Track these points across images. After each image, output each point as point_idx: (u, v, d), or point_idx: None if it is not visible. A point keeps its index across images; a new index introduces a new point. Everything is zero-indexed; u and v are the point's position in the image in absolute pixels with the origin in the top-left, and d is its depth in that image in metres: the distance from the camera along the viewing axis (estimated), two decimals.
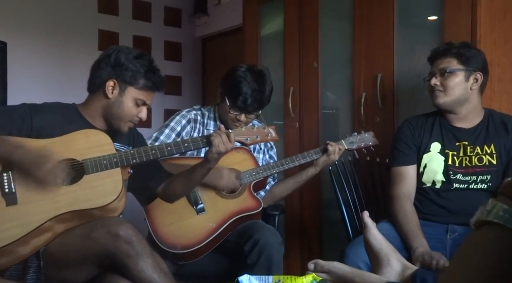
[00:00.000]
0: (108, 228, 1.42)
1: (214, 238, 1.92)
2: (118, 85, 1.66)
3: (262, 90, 2.05)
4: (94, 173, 1.54)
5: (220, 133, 1.70)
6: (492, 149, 1.84)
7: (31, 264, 1.47)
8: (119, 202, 1.54)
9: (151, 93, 1.71)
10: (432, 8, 2.28)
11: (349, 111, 2.60)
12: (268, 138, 1.82)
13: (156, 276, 1.41)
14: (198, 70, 4.72)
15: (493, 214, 0.54)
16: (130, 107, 1.68)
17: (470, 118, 1.90)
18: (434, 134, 1.92)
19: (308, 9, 2.77)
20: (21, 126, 1.56)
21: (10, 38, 3.18)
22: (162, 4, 4.43)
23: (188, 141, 1.71)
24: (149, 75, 1.67)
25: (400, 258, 1.17)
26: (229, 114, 2.07)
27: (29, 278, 1.47)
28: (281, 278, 1.18)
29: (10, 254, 1.41)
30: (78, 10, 3.94)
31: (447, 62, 1.85)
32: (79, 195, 1.50)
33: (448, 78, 1.84)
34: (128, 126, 1.71)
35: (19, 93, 3.35)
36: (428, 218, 1.88)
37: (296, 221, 2.86)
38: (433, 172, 1.89)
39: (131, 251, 1.40)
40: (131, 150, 1.64)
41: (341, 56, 2.65)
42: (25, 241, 1.42)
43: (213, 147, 1.68)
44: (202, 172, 1.77)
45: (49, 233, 1.47)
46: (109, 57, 1.68)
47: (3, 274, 1.45)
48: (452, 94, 1.85)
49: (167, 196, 1.86)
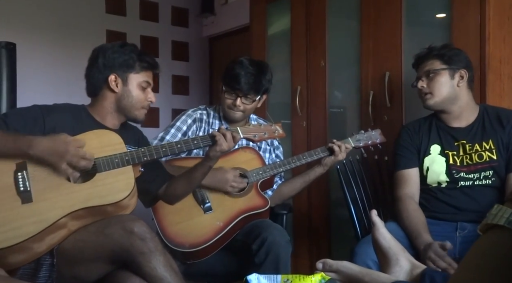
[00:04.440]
0: (123, 225, 1.44)
1: (221, 236, 1.92)
2: (120, 77, 1.71)
3: (257, 74, 2.05)
4: (106, 171, 1.56)
5: (224, 131, 1.71)
6: (491, 145, 1.86)
7: (44, 262, 1.49)
8: (131, 199, 1.57)
9: (150, 73, 1.76)
10: (440, 5, 2.27)
11: (356, 110, 2.59)
12: (275, 135, 1.84)
13: (167, 275, 1.42)
14: (205, 70, 4.72)
15: (499, 217, 0.55)
16: (138, 93, 1.73)
17: (464, 116, 1.91)
18: (432, 136, 1.94)
19: (315, 8, 2.77)
20: (33, 127, 1.59)
21: (19, 39, 3.20)
22: (169, 4, 4.45)
23: (197, 139, 1.73)
24: (141, 57, 1.73)
25: (409, 257, 1.16)
26: (226, 101, 2.09)
27: (41, 276, 1.48)
28: (289, 277, 1.18)
29: (26, 251, 1.43)
30: (86, 10, 3.97)
31: (430, 64, 1.90)
32: (92, 192, 1.52)
33: (433, 79, 1.88)
34: (143, 113, 1.76)
35: (29, 94, 3.38)
36: (437, 217, 1.88)
37: (304, 220, 2.85)
38: (436, 173, 1.90)
39: (144, 248, 1.41)
40: (142, 148, 1.66)
41: (349, 54, 2.64)
42: (40, 237, 1.44)
43: (217, 146, 1.70)
44: (203, 171, 1.79)
45: (64, 230, 1.49)
46: (97, 58, 1.73)
47: (16, 273, 1.46)
48: (440, 94, 1.88)
49: (169, 198, 1.87)
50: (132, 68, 1.71)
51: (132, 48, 1.74)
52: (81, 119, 1.70)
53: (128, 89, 1.72)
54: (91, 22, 3.98)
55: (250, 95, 2.07)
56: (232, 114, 2.09)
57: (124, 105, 1.73)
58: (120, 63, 1.70)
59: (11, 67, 2.91)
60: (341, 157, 2.06)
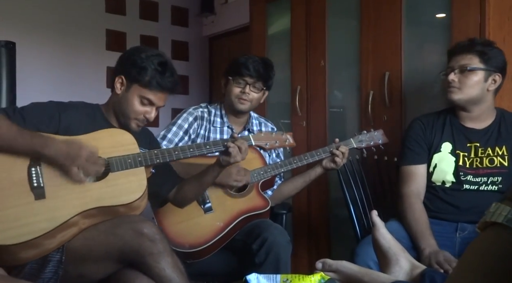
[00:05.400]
0: (133, 225, 1.45)
1: (221, 237, 1.92)
2: (126, 82, 1.68)
3: (264, 65, 2.10)
4: (119, 171, 1.57)
5: (239, 144, 1.72)
6: (504, 151, 1.82)
7: (52, 258, 1.49)
8: (142, 200, 1.58)
9: (158, 93, 1.67)
10: (440, 5, 2.27)
11: (356, 109, 2.59)
12: (286, 144, 1.88)
13: (175, 276, 1.43)
14: (205, 69, 4.72)
15: (497, 215, 0.55)
16: (134, 105, 1.67)
17: (482, 118, 1.87)
18: (445, 134, 1.89)
19: (316, 8, 2.77)
20: (49, 123, 1.59)
21: (18, 38, 3.20)
22: (169, 3, 4.44)
23: (209, 144, 1.74)
24: (155, 74, 1.65)
25: (408, 257, 1.17)
26: (234, 90, 2.09)
27: (47, 272, 1.48)
28: (289, 277, 1.18)
29: (37, 247, 1.44)
30: (86, 10, 3.96)
31: (469, 59, 1.79)
32: (105, 192, 1.53)
33: (467, 76, 1.79)
34: (135, 124, 1.70)
35: (28, 93, 3.37)
36: (438, 216, 1.86)
37: (304, 220, 2.85)
38: (443, 172, 1.87)
39: (153, 249, 1.42)
40: (155, 150, 1.66)
41: (349, 54, 2.64)
42: (52, 235, 1.45)
43: (231, 158, 1.71)
44: (213, 175, 1.80)
45: (75, 228, 1.50)
46: (125, 54, 1.71)
47: (23, 269, 1.46)
48: (469, 92, 1.80)
49: (178, 201, 1.87)
50: (139, 80, 1.65)
51: (155, 61, 1.66)
52: (93, 118, 1.71)
53: (127, 96, 1.68)
54: (91, 22, 3.97)
55: (258, 84, 2.09)
56: (239, 104, 2.10)
57: (120, 110, 1.70)
58: (133, 69, 1.66)
59: (10, 66, 2.91)
60: (342, 163, 2.07)
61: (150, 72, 1.65)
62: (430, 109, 2.05)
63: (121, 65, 1.70)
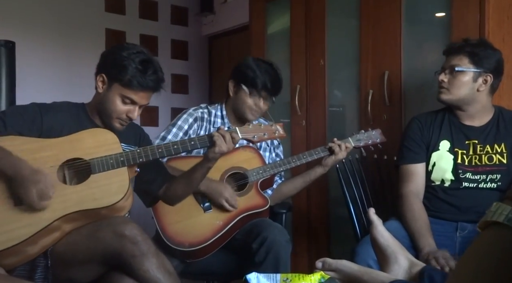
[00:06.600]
0: (114, 228, 1.43)
1: (221, 236, 1.92)
2: (107, 80, 1.65)
3: (277, 75, 2.12)
4: (101, 172, 1.54)
5: (223, 132, 1.69)
6: (503, 148, 1.82)
7: (38, 264, 1.48)
8: (126, 201, 1.55)
9: (139, 93, 1.63)
10: (440, 4, 2.27)
11: (356, 108, 2.59)
12: (275, 135, 1.80)
13: (161, 276, 1.41)
14: (204, 69, 4.72)
15: (498, 215, 0.55)
16: (116, 104, 1.64)
17: (479, 116, 1.87)
18: (443, 132, 1.89)
19: (315, 7, 2.77)
20: (31, 126, 1.57)
21: (18, 37, 3.20)
22: (168, 3, 4.44)
23: (194, 140, 1.70)
24: (136, 73, 1.60)
25: (407, 255, 1.17)
26: (248, 102, 2.09)
27: (37, 277, 1.47)
28: (289, 276, 1.18)
29: (18, 253, 1.42)
30: (85, 9, 3.96)
31: (459, 59, 1.81)
32: (86, 195, 1.50)
33: (456, 77, 1.81)
34: (118, 123, 1.67)
35: (28, 92, 3.37)
36: (438, 216, 1.87)
37: (303, 219, 2.85)
38: (442, 170, 1.87)
39: (136, 251, 1.40)
40: (138, 149, 1.64)
41: (348, 53, 2.64)
42: (33, 240, 1.43)
43: (216, 147, 1.67)
44: (202, 172, 1.77)
45: (57, 232, 1.48)
46: (106, 52, 1.69)
47: (11, 273, 1.45)
48: (457, 93, 1.82)
49: (169, 198, 1.86)
50: (120, 79, 1.61)
51: (137, 60, 1.61)
52: (78, 118, 1.69)
53: (108, 95, 1.64)
54: (91, 21, 3.97)
55: (272, 98, 2.13)
56: (251, 116, 2.10)
57: (102, 109, 1.68)
58: (114, 68, 1.62)
59: (10, 66, 2.91)
60: (342, 156, 2.06)
61: (131, 71, 1.60)
62: (429, 108, 2.05)
63: (102, 63, 1.67)
